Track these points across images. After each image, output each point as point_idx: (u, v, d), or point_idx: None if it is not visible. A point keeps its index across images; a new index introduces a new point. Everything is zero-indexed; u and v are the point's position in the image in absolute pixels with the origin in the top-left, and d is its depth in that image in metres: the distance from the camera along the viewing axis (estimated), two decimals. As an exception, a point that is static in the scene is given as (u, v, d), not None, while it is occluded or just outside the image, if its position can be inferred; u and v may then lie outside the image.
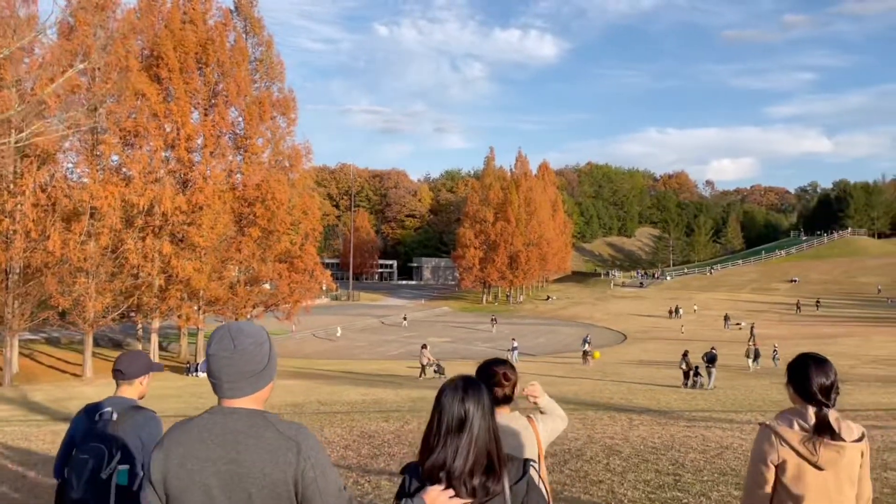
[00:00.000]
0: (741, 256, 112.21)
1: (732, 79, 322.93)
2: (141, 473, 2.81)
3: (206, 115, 37.89)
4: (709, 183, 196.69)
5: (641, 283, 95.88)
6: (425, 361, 31.50)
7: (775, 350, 34.61)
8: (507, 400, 3.00)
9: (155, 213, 33.86)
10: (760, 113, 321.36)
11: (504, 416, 2.96)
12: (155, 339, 37.32)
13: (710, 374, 26.65)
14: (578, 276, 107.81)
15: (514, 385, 3.01)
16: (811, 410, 2.70)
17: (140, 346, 39.85)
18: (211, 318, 41.85)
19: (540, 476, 2.37)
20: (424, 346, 33.12)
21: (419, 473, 2.15)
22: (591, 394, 22.45)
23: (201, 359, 36.35)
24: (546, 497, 2.28)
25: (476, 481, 2.08)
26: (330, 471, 2.09)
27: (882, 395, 18.71)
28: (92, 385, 30.25)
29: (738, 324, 61.92)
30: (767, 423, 2.80)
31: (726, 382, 27.16)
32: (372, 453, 10.43)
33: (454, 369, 23.28)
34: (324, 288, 71.73)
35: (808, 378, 2.74)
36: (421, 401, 18.61)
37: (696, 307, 73.02)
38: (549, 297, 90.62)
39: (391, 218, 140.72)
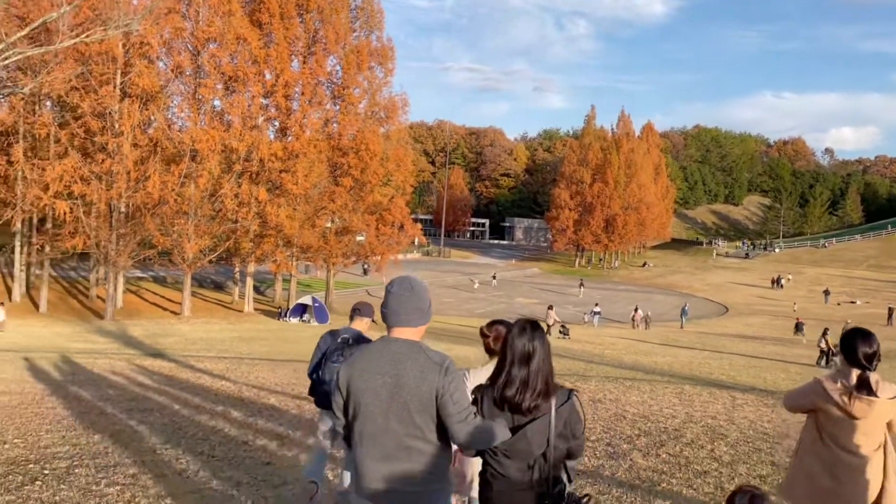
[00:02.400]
0: (860, 231, 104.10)
1: (858, 42, 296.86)
2: None
3: (304, 62, 37.86)
4: (828, 151, 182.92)
5: (747, 255, 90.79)
6: (551, 322, 31.35)
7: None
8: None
9: (252, 159, 34.32)
10: (887, 79, 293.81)
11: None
12: (250, 282, 38.30)
13: None
14: (678, 244, 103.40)
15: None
16: (854, 373, 3.38)
17: (237, 290, 41.04)
18: (303, 265, 42.54)
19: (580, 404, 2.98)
20: (551, 308, 33.44)
21: (490, 393, 2.90)
22: (687, 366, 20.99)
23: (293, 304, 37.02)
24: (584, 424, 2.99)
25: (533, 402, 2.82)
26: (461, 391, 2.72)
27: None
28: (188, 323, 31.34)
29: (852, 301, 57.64)
30: (819, 377, 3.52)
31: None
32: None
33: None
34: (415, 242, 72.01)
35: (855, 348, 3.40)
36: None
37: (789, 277, 69.76)
38: (645, 264, 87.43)
39: (486, 176, 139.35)
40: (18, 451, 6.60)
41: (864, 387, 3.30)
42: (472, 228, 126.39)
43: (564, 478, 2.92)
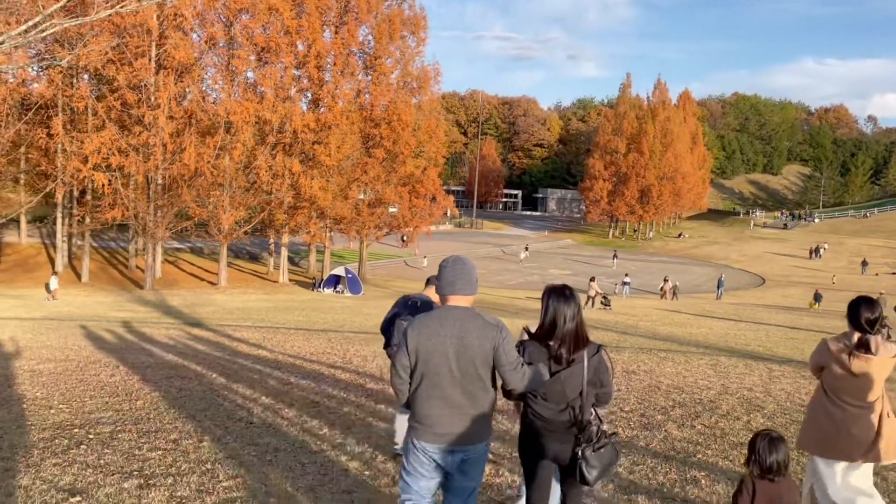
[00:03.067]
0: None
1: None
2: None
3: (336, 32, 37.70)
4: (871, 118, 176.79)
5: (785, 225, 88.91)
6: (592, 293, 31.60)
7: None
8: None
9: (286, 131, 34.47)
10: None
11: None
12: (284, 253, 38.73)
13: None
14: (715, 215, 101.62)
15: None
16: (856, 335, 3.93)
17: (272, 260, 41.58)
18: (337, 237, 42.85)
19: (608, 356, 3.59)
20: (593, 279, 33.73)
21: (532, 346, 3.49)
22: (723, 338, 20.72)
23: (327, 275, 37.40)
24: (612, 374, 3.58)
25: (568, 353, 3.43)
26: (512, 346, 3.33)
27: None
28: (225, 293, 31.89)
29: (894, 272, 56.23)
30: (825, 339, 4.11)
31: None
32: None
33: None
34: (447, 214, 71.93)
35: (859, 314, 3.94)
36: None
37: (826, 246, 69.26)
38: (681, 235, 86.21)
39: (518, 147, 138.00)
40: (64, 415, 6.82)
41: (863, 347, 3.86)
42: (504, 200, 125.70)
43: (595, 420, 3.46)
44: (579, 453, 3.33)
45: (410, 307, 5.39)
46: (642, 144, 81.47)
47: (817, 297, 35.17)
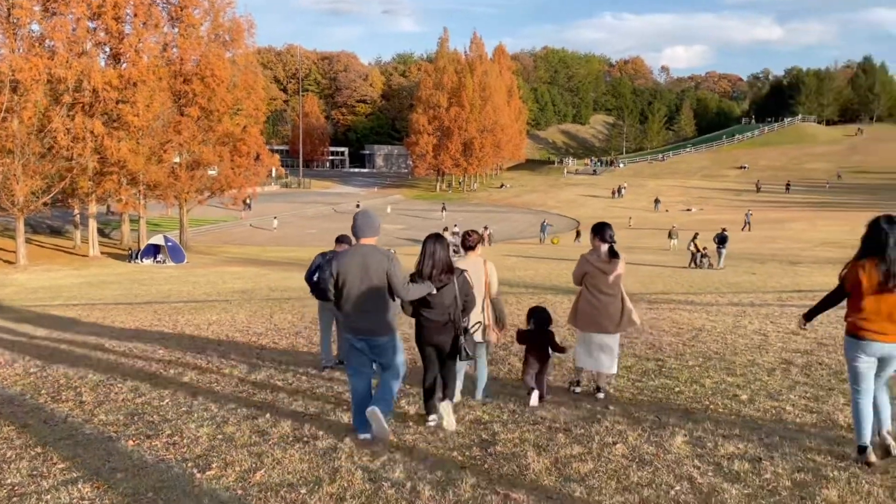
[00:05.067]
0: (693, 143, 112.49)
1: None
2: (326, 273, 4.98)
3: (134, -21, 34.45)
4: (664, 69, 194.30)
5: (594, 171, 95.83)
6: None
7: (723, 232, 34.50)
8: (473, 248, 5.84)
9: (84, 89, 31.29)
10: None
11: (472, 257, 5.80)
12: (93, 224, 35.47)
13: (720, 254, 27.61)
14: (532, 164, 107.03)
15: (477, 242, 5.89)
16: (604, 246, 5.84)
17: (78, 233, 37.98)
18: (153, 203, 39.98)
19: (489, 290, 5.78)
20: (446, 229, 36.03)
21: (414, 276, 5.06)
22: (547, 277, 22.15)
23: (144, 245, 34.90)
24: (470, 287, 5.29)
25: (442, 276, 5.06)
26: (400, 269, 4.84)
27: (833, 276, 18.86)
28: (26, 272, 28.78)
29: (688, 209, 62.95)
30: (583, 254, 5.99)
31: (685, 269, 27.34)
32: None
33: (404, 256, 22.55)
34: (273, 174, 69.61)
35: (605, 232, 5.85)
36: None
37: (626, 185, 77.76)
38: (502, 185, 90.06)
39: (342, 103, 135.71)
40: None
41: (612, 254, 5.80)
42: (331, 158, 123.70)
43: (464, 321, 5.21)
44: (461, 339, 5.11)
45: (328, 259, 6.11)
46: (463, 98, 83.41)
47: (543, 227, 43.39)
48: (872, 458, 4.20)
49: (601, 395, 5.92)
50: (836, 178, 75.14)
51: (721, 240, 27.89)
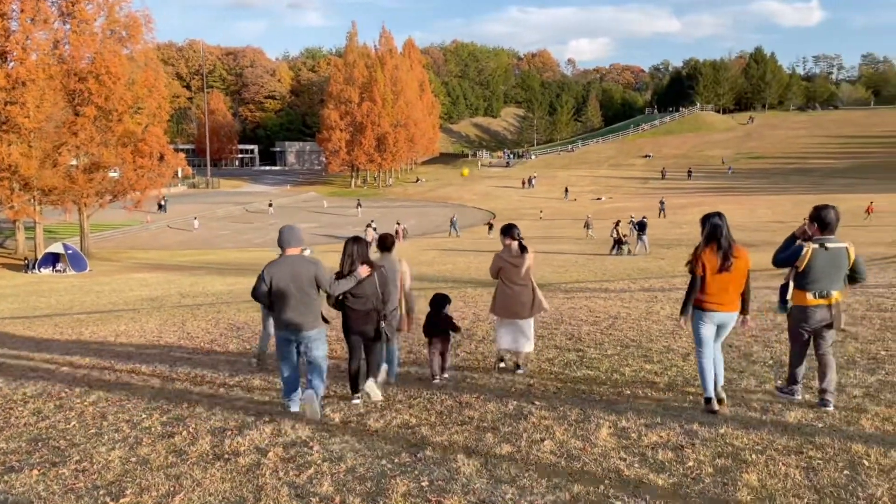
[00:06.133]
0: (600, 134, 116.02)
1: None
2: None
3: (18, -28, 32.28)
4: (570, 62, 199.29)
5: (507, 163, 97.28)
6: (370, 239, 31.33)
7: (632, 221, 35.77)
8: (389, 249, 6.55)
9: (-35, 90, 29.09)
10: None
11: (389, 256, 6.49)
12: (-18, 235, 33.15)
13: (640, 240, 28.48)
14: (447, 158, 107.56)
15: (392, 243, 6.59)
16: (514, 243, 6.56)
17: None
18: (49, 210, 37.73)
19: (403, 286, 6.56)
20: (369, 226, 37.38)
21: (338, 273, 5.80)
22: (466, 271, 22.33)
23: (42, 254, 32.90)
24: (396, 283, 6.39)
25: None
26: (325, 272, 5.63)
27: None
28: None
29: (598, 198, 64.87)
30: (497, 252, 6.74)
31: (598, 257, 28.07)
32: (241, 349, 9.38)
33: (324, 254, 22.16)
34: (179, 175, 66.99)
35: (512, 232, 6.57)
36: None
37: (535, 175, 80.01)
38: (418, 179, 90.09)
39: (249, 100, 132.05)
40: None
41: (523, 249, 6.55)
42: (240, 156, 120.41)
43: (384, 310, 5.98)
44: (382, 326, 5.88)
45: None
46: (374, 93, 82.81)
47: (453, 223, 44.10)
48: (716, 406, 5.13)
49: (521, 371, 6.73)
50: (728, 170, 78.55)
51: (640, 226, 29.01)
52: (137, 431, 5.32)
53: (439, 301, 6.70)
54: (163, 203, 58.78)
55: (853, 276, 5.19)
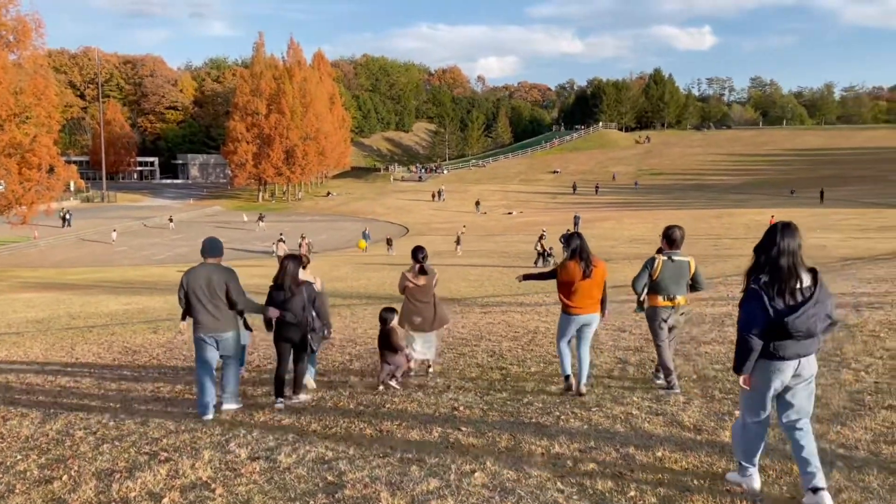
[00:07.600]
0: (510, 150, 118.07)
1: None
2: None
3: None
4: (480, 79, 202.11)
5: (420, 178, 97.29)
6: (281, 252, 31.18)
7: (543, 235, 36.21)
8: (304, 267, 6.91)
9: None
10: (522, 13, 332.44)
11: (304, 274, 6.85)
12: None
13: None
14: (358, 172, 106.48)
15: (307, 262, 7.35)
16: (417, 265, 7.24)
17: None
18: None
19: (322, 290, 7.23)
20: (280, 240, 37.26)
21: (272, 287, 6.53)
22: (381, 286, 21.84)
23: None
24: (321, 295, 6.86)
25: (293, 287, 6.36)
26: (237, 282, 6.24)
27: (638, 268, 20.26)
28: None
29: (509, 212, 65.77)
30: (403, 272, 7.39)
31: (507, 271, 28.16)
32: (136, 376, 8.57)
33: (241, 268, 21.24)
34: (72, 188, 63.12)
35: (417, 254, 7.25)
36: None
37: (443, 187, 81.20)
38: (329, 193, 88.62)
39: (149, 110, 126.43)
40: None
41: (422, 272, 7.20)
42: (139, 168, 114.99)
43: (316, 323, 6.44)
44: (309, 337, 6.37)
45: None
46: (282, 105, 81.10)
47: (365, 236, 44.17)
48: (572, 381, 6.21)
49: (430, 371, 7.47)
50: (634, 184, 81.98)
51: (567, 239, 29.24)
52: (10, 476, 4.60)
53: (381, 316, 7.16)
54: (67, 217, 55.39)
55: (693, 286, 6.24)
